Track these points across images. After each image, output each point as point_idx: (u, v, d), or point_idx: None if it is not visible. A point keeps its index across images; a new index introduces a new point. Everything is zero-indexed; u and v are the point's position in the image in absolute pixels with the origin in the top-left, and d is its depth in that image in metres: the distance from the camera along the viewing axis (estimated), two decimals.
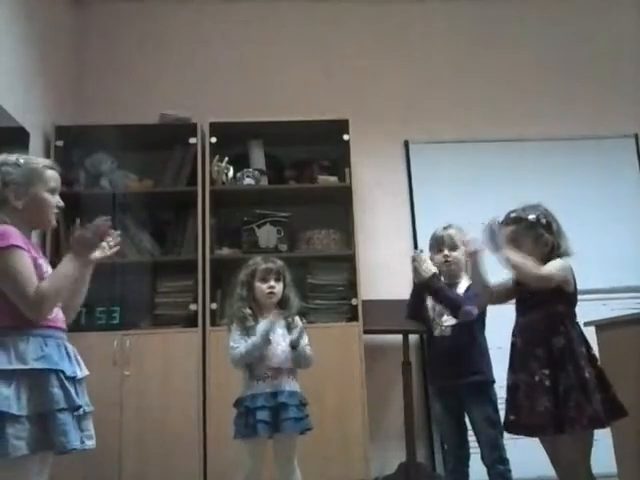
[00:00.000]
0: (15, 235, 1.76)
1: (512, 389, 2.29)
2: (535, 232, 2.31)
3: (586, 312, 2.46)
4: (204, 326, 3.42)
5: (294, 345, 2.55)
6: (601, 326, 2.84)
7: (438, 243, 2.74)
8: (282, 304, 2.66)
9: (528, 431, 2.25)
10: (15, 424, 1.63)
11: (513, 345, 2.34)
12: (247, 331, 2.55)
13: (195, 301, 3.47)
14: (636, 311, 3.10)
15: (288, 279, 2.68)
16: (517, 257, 2.22)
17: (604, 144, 4.21)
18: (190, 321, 3.48)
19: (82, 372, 1.86)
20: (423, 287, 2.70)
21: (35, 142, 3.42)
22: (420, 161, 4.16)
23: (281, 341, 2.57)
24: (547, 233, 2.30)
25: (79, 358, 1.88)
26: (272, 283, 2.62)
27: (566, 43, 4.41)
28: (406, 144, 4.20)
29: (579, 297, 2.35)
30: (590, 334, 2.46)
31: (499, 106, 4.26)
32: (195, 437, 3.28)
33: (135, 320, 3.56)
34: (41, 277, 1.80)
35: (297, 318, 2.66)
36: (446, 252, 2.71)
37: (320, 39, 4.33)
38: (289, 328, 2.62)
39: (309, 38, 4.33)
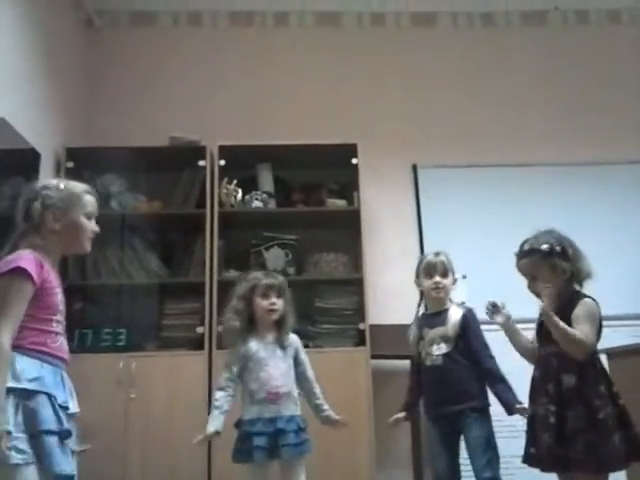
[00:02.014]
0: (29, 260, 1.75)
1: (530, 421, 2.26)
2: (551, 262, 2.26)
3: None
4: (210, 349, 3.40)
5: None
6: (612, 354, 2.81)
7: (430, 269, 2.73)
8: (280, 322, 2.61)
9: (539, 465, 2.21)
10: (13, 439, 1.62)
11: (532, 377, 2.32)
12: (239, 357, 2.51)
13: (202, 324, 3.46)
14: None
15: (288, 296, 2.63)
16: (558, 322, 2.16)
17: (615, 170, 4.20)
18: (197, 344, 3.46)
19: (74, 407, 1.82)
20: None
21: (46, 163, 3.45)
22: (428, 185, 4.17)
23: (280, 363, 2.53)
24: (563, 261, 2.26)
25: (73, 392, 1.86)
26: (274, 300, 2.57)
27: (575, 69, 4.44)
28: (414, 168, 4.21)
29: None
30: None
31: (508, 131, 4.27)
32: (200, 460, 3.24)
33: (141, 342, 3.54)
34: (55, 305, 1.81)
35: (298, 341, 2.64)
36: (437, 279, 2.70)
37: (329, 63, 4.37)
38: (283, 347, 2.57)
39: (318, 62, 4.37)
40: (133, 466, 3.22)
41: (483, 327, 2.68)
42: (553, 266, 2.27)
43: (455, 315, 2.67)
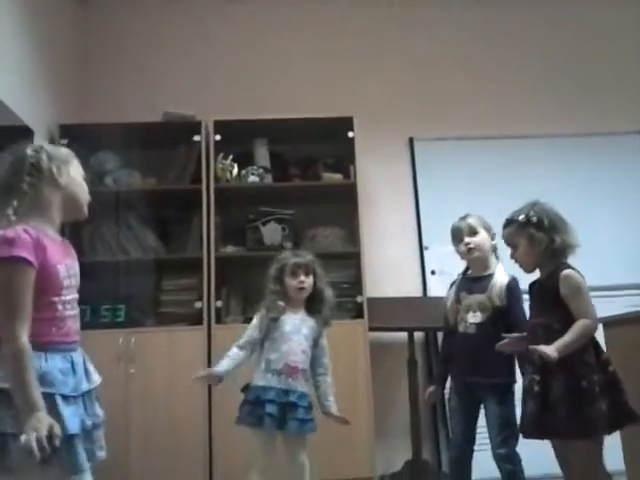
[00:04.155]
0: (26, 243, 1.61)
1: (523, 392, 2.31)
2: (527, 232, 2.31)
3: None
4: (209, 324, 3.42)
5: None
6: (608, 323, 2.83)
7: (458, 233, 2.70)
8: (315, 298, 2.67)
9: (524, 432, 2.27)
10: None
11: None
12: (270, 321, 2.58)
13: (200, 299, 3.47)
14: None
15: (319, 273, 2.68)
16: (569, 342, 2.13)
17: (611, 140, 4.19)
18: (195, 319, 3.47)
19: (91, 383, 1.77)
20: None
21: (39, 140, 3.41)
22: (425, 158, 4.15)
23: (303, 341, 2.58)
24: (539, 231, 2.29)
25: (89, 367, 1.79)
26: (302, 278, 2.63)
27: (572, 41, 4.40)
28: (411, 141, 4.19)
29: None
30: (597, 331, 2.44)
31: (504, 103, 4.24)
32: (201, 433, 3.27)
33: (140, 318, 3.55)
34: (57, 285, 1.68)
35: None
36: (466, 239, 2.66)
37: (325, 37, 4.32)
38: (310, 327, 2.62)
39: (314, 36, 4.32)
40: (134, 442, 3.25)
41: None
42: (530, 236, 2.30)
43: (500, 283, 2.59)
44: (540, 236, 2.28)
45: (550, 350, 2.09)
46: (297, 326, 2.59)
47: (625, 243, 3.92)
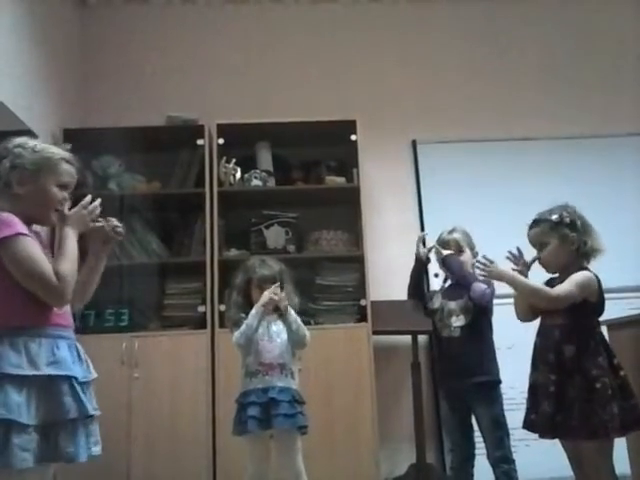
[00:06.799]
0: (19, 223, 1.66)
1: (532, 388, 2.31)
2: (559, 232, 2.31)
3: None
4: (213, 327, 3.42)
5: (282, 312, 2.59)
6: (612, 326, 2.82)
7: (445, 247, 2.76)
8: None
9: (539, 431, 2.26)
10: (22, 434, 1.54)
11: (535, 345, 2.35)
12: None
13: (204, 303, 3.47)
14: None
15: (287, 281, 2.65)
16: (524, 282, 2.29)
17: (612, 142, 4.18)
18: (199, 323, 3.48)
19: (91, 374, 1.78)
20: (422, 264, 2.79)
21: None
22: (428, 161, 4.15)
23: (275, 337, 2.58)
24: (572, 232, 2.30)
25: (88, 359, 1.81)
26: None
27: (573, 43, 4.39)
28: (414, 144, 4.19)
29: None
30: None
31: (507, 105, 4.24)
32: (204, 438, 3.27)
33: (144, 322, 3.56)
34: None
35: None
36: None
37: (327, 40, 4.33)
38: (281, 323, 2.63)
39: (316, 39, 4.32)
40: (137, 445, 3.25)
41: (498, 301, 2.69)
42: (562, 236, 2.31)
43: (478, 286, 2.64)
44: (573, 237, 2.30)
45: (495, 267, 2.35)
46: (265, 327, 2.59)
47: (627, 245, 3.90)
